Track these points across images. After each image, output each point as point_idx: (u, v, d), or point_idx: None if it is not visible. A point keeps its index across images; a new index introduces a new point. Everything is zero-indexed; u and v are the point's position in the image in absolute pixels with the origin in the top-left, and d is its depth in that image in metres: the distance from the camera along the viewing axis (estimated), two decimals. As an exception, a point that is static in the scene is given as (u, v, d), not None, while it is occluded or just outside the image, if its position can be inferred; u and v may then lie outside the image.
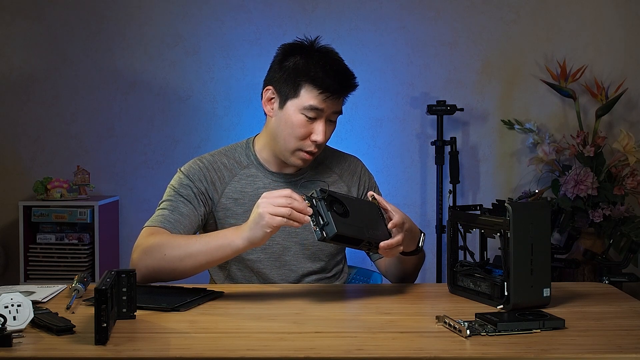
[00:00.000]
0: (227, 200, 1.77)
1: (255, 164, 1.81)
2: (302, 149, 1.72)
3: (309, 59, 1.69)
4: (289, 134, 1.71)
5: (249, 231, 1.49)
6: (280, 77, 1.72)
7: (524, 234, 1.43)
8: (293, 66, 1.70)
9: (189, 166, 1.80)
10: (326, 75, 1.67)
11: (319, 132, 1.69)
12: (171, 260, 1.58)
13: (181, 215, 1.71)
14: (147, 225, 1.71)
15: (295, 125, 1.69)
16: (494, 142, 3.47)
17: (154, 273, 1.60)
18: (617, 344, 1.22)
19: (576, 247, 3.18)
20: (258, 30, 3.42)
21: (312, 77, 1.67)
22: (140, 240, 1.66)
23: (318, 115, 1.69)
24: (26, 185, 3.39)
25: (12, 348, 1.18)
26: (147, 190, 3.44)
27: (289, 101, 1.70)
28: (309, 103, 1.68)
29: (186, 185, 1.76)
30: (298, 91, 1.69)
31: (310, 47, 1.73)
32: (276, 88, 1.74)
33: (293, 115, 1.69)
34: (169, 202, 1.74)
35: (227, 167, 1.79)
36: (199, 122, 3.45)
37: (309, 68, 1.68)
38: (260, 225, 1.47)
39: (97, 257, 3.15)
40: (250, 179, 1.79)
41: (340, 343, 1.25)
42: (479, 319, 1.32)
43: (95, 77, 3.44)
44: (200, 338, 1.26)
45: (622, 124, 3.42)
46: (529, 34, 3.44)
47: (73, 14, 3.43)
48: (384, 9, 3.43)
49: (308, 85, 1.68)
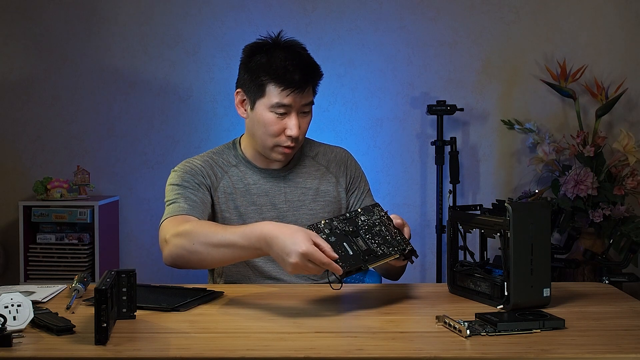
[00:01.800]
0: (222, 195, 1.80)
1: (243, 162, 1.84)
2: (279, 144, 1.75)
3: (270, 57, 1.72)
4: (263, 133, 1.75)
5: (277, 259, 1.46)
6: (247, 78, 1.75)
7: (524, 234, 1.43)
8: (255, 67, 1.73)
9: (182, 165, 1.82)
10: (287, 71, 1.69)
11: (292, 126, 1.72)
12: (199, 250, 1.55)
13: (196, 202, 1.72)
14: (166, 218, 1.69)
15: (267, 124, 1.73)
16: (494, 142, 3.47)
17: (185, 260, 1.59)
18: (617, 344, 1.22)
19: (576, 247, 3.18)
20: (258, 30, 3.40)
21: (273, 75, 1.70)
22: (168, 228, 1.64)
23: (287, 110, 1.72)
24: (26, 185, 3.39)
25: (12, 348, 1.18)
26: (147, 190, 3.44)
27: (257, 101, 1.74)
28: (275, 101, 1.71)
29: (188, 179, 1.77)
30: (263, 90, 1.72)
31: (273, 44, 1.75)
32: (245, 90, 1.77)
33: (263, 114, 1.73)
34: (178, 195, 1.73)
35: (218, 165, 1.83)
36: (199, 122, 3.45)
37: (270, 66, 1.70)
38: (284, 264, 1.43)
39: (97, 257, 3.15)
40: (240, 176, 1.82)
41: (340, 343, 1.25)
42: (479, 319, 1.32)
43: (95, 77, 3.44)
44: (200, 338, 1.26)
45: (622, 124, 3.42)
46: (529, 34, 3.44)
47: (73, 14, 3.43)
48: (384, 9, 3.43)
49: (271, 84, 1.71)
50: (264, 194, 1.82)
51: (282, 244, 1.41)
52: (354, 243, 1.49)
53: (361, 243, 1.49)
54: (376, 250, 1.49)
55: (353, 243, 1.48)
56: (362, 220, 1.54)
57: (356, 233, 1.51)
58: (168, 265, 1.63)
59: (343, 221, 1.52)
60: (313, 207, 1.84)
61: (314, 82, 1.76)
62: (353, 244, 1.48)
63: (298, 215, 1.82)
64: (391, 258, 1.50)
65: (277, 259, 1.44)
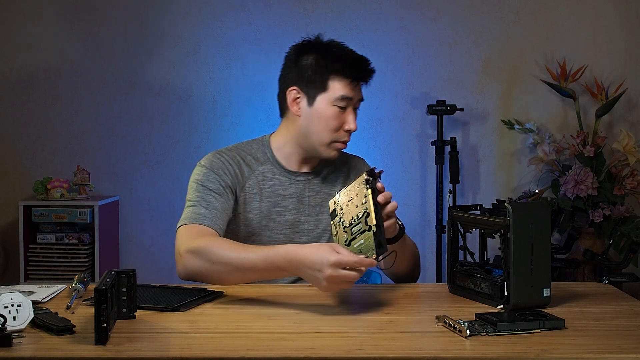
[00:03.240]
0: (247, 195, 1.79)
1: (271, 161, 1.83)
2: (337, 140, 1.77)
3: (327, 53, 1.76)
4: (323, 128, 1.76)
5: (303, 277, 1.47)
6: (303, 75, 1.76)
7: (524, 234, 1.43)
8: (315, 62, 1.75)
9: (210, 160, 1.79)
10: (349, 64, 1.74)
11: (351, 121, 1.76)
12: (219, 270, 1.56)
13: (216, 209, 1.71)
14: (184, 224, 1.68)
15: (329, 118, 1.75)
16: (494, 142, 3.47)
17: (201, 277, 1.61)
18: (617, 344, 1.22)
19: (576, 247, 3.18)
20: (258, 30, 3.43)
21: (337, 69, 1.73)
22: (184, 240, 1.63)
23: (347, 104, 1.75)
24: (26, 185, 3.39)
25: (12, 348, 1.18)
26: (147, 190, 3.44)
27: (318, 96, 1.75)
28: (340, 93, 1.73)
29: (213, 179, 1.75)
30: (325, 84, 1.74)
31: (321, 42, 1.79)
32: (301, 86, 1.77)
33: (326, 109, 1.75)
34: (201, 198, 1.72)
35: (246, 162, 1.82)
36: (199, 122, 3.45)
37: (332, 61, 1.74)
38: (317, 282, 1.44)
39: (97, 257, 3.15)
40: (267, 176, 1.82)
41: (340, 343, 1.25)
42: (479, 319, 1.32)
43: (95, 77, 3.44)
44: (200, 338, 1.26)
45: (622, 124, 3.42)
46: (529, 34, 3.44)
47: (73, 14, 3.43)
48: (384, 9, 3.43)
49: (335, 77, 1.73)
50: (289, 196, 1.82)
51: (310, 262, 1.42)
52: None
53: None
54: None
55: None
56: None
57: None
58: (182, 279, 1.63)
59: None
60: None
61: (372, 74, 1.80)
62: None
63: (319, 220, 1.83)
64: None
65: (308, 279, 1.45)
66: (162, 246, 3.44)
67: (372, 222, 1.44)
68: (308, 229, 1.82)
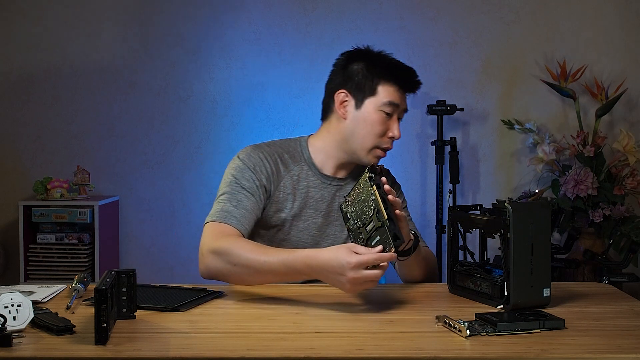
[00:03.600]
0: (281, 194, 1.80)
1: (307, 163, 1.85)
2: (379, 146, 1.80)
3: (378, 60, 1.82)
4: (368, 132, 1.78)
5: (325, 280, 1.49)
6: (353, 79, 1.80)
7: (524, 234, 1.43)
8: (365, 67, 1.80)
9: (249, 155, 1.80)
10: (399, 72, 1.80)
11: (395, 128, 1.79)
12: (240, 272, 1.58)
13: (245, 209, 1.71)
14: (212, 221, 1.69)
15: (375, 123, 1.78)
16: (494, 142, 3.47)
17: (222, 277, 1.62)
18: (617, 344, 1.22)
19: (576, 247, 3.18)
20: (258, 30, 3.42)
21: (387, 75, 1.78)
22: (208, 239, 1.64)
23: (394, 111, 1.79)
24: (26, 185, 3.39)
25: (12, 348, 1.18)
26: (147, 190, 3.44)
27: (366, 100, 1.78)
28: (388, 99, 1.78)
29: (249, 177, 1.76)
30: (375, 89, 1.78)
31: (371, 51, 1.86)
32: (351, 89, 1.80)
33: (373, 113, 1.78)
34: (232, 195, 1.73)
35: (283, 160, 1.83)
36: (199, 122, 3.45)
37: (383, 67, 1.80)
38: (341, 284, 1.46)
39: (97, 257, 3.15)
40: (302, 177, 1.83)
41: (340, 343, 1.25)
42: (479, 319, 1.32)
43: (95, 77, 3.44)
44: (200, 338, 1.26)
45: (622, 124, 3.42)
46: (529, 34, 3.44)
47: (73, 14, 3.43)
48: (384, 9, 3.43)
49: (385, 83, 1.78)
50: (321, 199, 1.83)
51: (331, 267, 1.44)
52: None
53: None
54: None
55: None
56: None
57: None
58: (204, 278, 1.65)
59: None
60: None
61: (419, 86, 1.85)
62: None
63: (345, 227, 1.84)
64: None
65: (331, 282, 1.47)
66: (162, 246, 3.44)
67: (383, 217, 1.45)
68: (334, 234, 1.84)
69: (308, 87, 3.39)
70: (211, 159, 3.41)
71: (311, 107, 3.41)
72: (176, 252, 3.42)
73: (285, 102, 3.43)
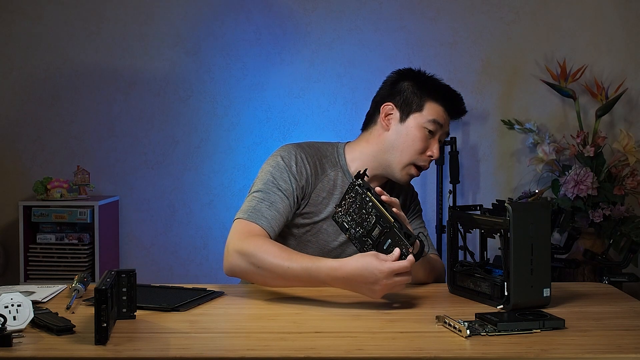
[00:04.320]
0: (317, 197, 1.80)
1: (343, 169, 1.85)
2: (415, 163, 1.82)
3: (429, 80, 1.86)
4: (408, 146, 1.80)
5: (353, 290, 1.50)
6: (401, 94, 1.83)
7: (524, 234, 1.43)
8: (415, 84, 1.84)
9: (291, 154, 1.79)
10: (448, 95, 1.84)
11: (435, 149, 1.82)
12: (264, 275, 1.58)
13: (277, 211, 1.71)
14: (242, 218, 1.68)
15: (417, 138, 1.80)
16: (494, 142, 3.47)
17: (245, 277, 1.63)
18: (617, 344, 1.22)
19: (576, 247, 3.18)
20: (258, 30, 3.42)
21: (436, 95, 1.82)
22: (235, 237, 1.64)
23: (436, 130, 1.81)
24: (26, 185, 3.39)
25: (12, 348, 1.18)
26: (147, 190, 3.44)
27: (411, 115, 1.81)
28: (433, 117, 1.80)
29: (287, 179, 1.75)
30: (422, 105, 1.81)
31: (423, 72, 1.90)
32: (398, 102, 1.83)
33: (415, 129, 1.80)
34: (267, 194, 1.72)
35: (321, 163, 1.83)
36: (199, 122, 3.45)
37: (432, 86, 1.84)
38: (376, 294, 1.47)
39: (97, 257, 3.15)
40: (338, 182, 1.83)
41: (340, 343, 1.25)
42: (479, 319, 1.32)
43: (95, 77, 3.44)
44: (200, 338, 1.26)
45: (622, 124, 3.42)
46: (529, 34, 3.44)
47: (73, 14, 3.43)
48: (384, 9, 3.43)
49: (432, 101, 1.82)
50: None
51: (362, 277, 1.45)
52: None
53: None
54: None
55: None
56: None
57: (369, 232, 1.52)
58: (227, 275, 1.65)
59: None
60: None
61: (463, 113, 1.89)
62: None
63: None
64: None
65: (360, 291, 1.48)
66: (162, 246, 3.44)
67: (389, 220, 1.45)
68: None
69: (308, 87, 3.39)
70: (211, 159, 3.41)
71: (311, 107, 3.41)
72: (176, 252, 3.42)
73: (285, 102, 3.43)
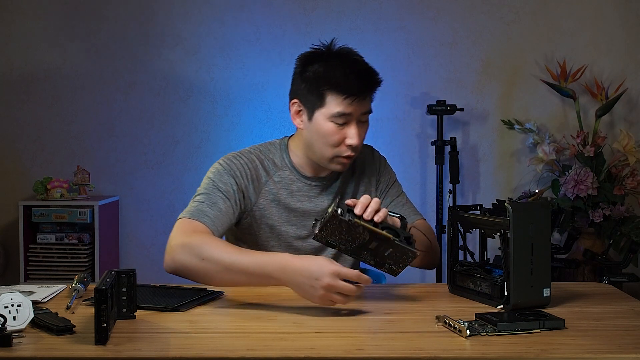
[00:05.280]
0: (265, 201, 1.77)
1: (289, 167, 1.81)
2: (339, 154, 1.72)
3: (328, 66, 1.70)
4: (323, 144, 1.71)
5: (295, 288, 1.45)
6: (303, 88, 1.72)
7: (524, 234, 1.43)
8: (313, 76, 1.70)
9: (229, 161, 1.77)
10: (347, 78, 1.67)
11: (353, 135, 1.69)
12: (208, 268, 1.53)
13: (220, 212, 1.68)
14: (185, 217, 1.66)
15: (327, 134, 1.70)
16: (494, 142, 3.47)
17: (188, 272, 1.58)
18: (617, 344, 1.22)
19: (576, 247, 3.18)
20: (258, 30, 3.42)
21: (333, 84, 1.67)
22: (178, 234, 1.62)
23: (348, 119, 1.69)
24: (26, 185, 3.39)
25: (12, 348, 1.18)
26: (147, 190, 3.44)
27: (316, 111, 1.71)
28: (336, 110, 1.68)
29: (227, 181, 1.73)
30: (323, 100, 1.69)
31: (328, 52, 1.73)
32: (301, 100, 1.74)
33: (323, 125, 1.70)
34: (208, 196, 1.70)
35: (264, 167, 1.79)
36: (199, 122, 3.45)
37: (329, 75, 1.68)
38: (310, 297, 1.43)
39: (97, 257, 3.15)
40: (285, 182, 1.79)
41: (340, 343, 1.25)
42: (479, 319, 1.32)
43: (95, 77, 3.44)
44: (200, 338, 1.26)
45: (622, 124, 3.42)
46: (529, 34, 3.44)
47: (73, 14, 3.43)
48: (384, 9, 3.43)
49: (331, 93, 1.67)
50: (307, 200, 1.80)
51: (308, 272, 1.41)
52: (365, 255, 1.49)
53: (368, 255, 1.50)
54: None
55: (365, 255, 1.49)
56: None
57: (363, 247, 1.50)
58: (168, 272, 1.60)
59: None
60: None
61: (374, 89, 1.74)
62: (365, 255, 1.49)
63: None
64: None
65: (301, 288, 1.43)
66: (162, 246, 3.39)
67: (385, 236, 1.45)
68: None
69: (308, 87, 3.39)
70: (211, 159, 3.37)
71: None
72: (176, 252, 3.42)
73: (285, 102, 3.37)
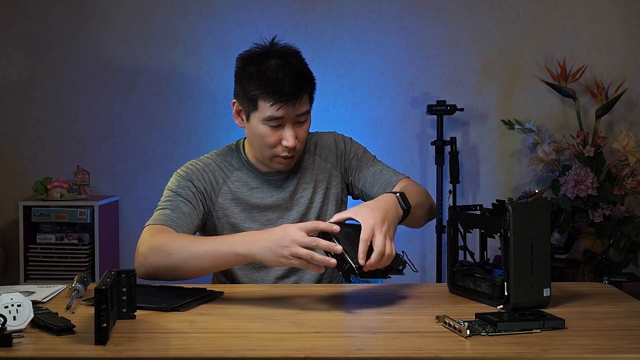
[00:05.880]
0: (225, 201, 1.79)
1: (246, 166, 1.83)
2: (277, 155, 1.73)
3: (260, 70, 1.68)
4: (260, 145, 1.74)
5: (261, 254, 1.47)
6: (239, 90, 1.74)
7: (524, 234, 1.43)
8: (247, 80, 1.70)
9: (185, 168, 1.81)
10: (276, 85, 1.66)
11: (288, 137, 1.70)
12: (176, 261, 1.57)
13: (183, 213, 1.72)
14: (150, 224, 1.70)
15: (263, 136, 1.71)
16: (494, 142, 3.47)
17: (159, 272, 1.60)
18: (617, 344, 1.22)
19: (576, 247, 3.18)
20: (258, 30, 3.42)
21: (263, 90, 1.67)
22: (145, 238, 1.65)
23: (281, 122, 1.69)
24: (26, 185, 3.39)
25: (12, 348, 1.18)
26: (147, 190, 3.44)
27: (251, 114, 1.72)
28: (267, 114, 1.68)
29: (184, 186, 1.76)
30: (255, 104, 1.69)
31: (264, 53, 1.72)
32: (239, 101, 1.76)
33: (258, 127, 1.71)
34: (169, 202, 1.74)
35: (221, 168, 1.81)
36: (199, 122, 3.45)
37: (260, 80, 1.67)
38: (276, 256, 1.45)
39: (97, 257, 3.15)
40: (243, 180, 1.81)
41: (340, 343, 1.25)
42: (479, 319, 1.32)
43: (95, 77, 3.44)
44: (200, 338, 1.26)
45: (622, 124, 3.42)
46: (529, 34, 3.44)
47: (73, 14, 3.43)
48: (384, 9, 3.43)
49: (261, 98, 1.68)
50: (269, 196, 1.81)
51: (272, 233, 1.46)
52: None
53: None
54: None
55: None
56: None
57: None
58: (140, 277, 1.60)
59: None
60: (318, 203, 1.83)
61: (306, 92, 1.71)
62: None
63: (308, 218, 1.82)
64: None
65: (263, 247, 1.46)
66: (162, 246, 3.43)
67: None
68: (294, 221, 1.79)
69: (308, 87, 3.39)
70: (211, 159, 3.41)
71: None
72: (176, 252, 3.42)
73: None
